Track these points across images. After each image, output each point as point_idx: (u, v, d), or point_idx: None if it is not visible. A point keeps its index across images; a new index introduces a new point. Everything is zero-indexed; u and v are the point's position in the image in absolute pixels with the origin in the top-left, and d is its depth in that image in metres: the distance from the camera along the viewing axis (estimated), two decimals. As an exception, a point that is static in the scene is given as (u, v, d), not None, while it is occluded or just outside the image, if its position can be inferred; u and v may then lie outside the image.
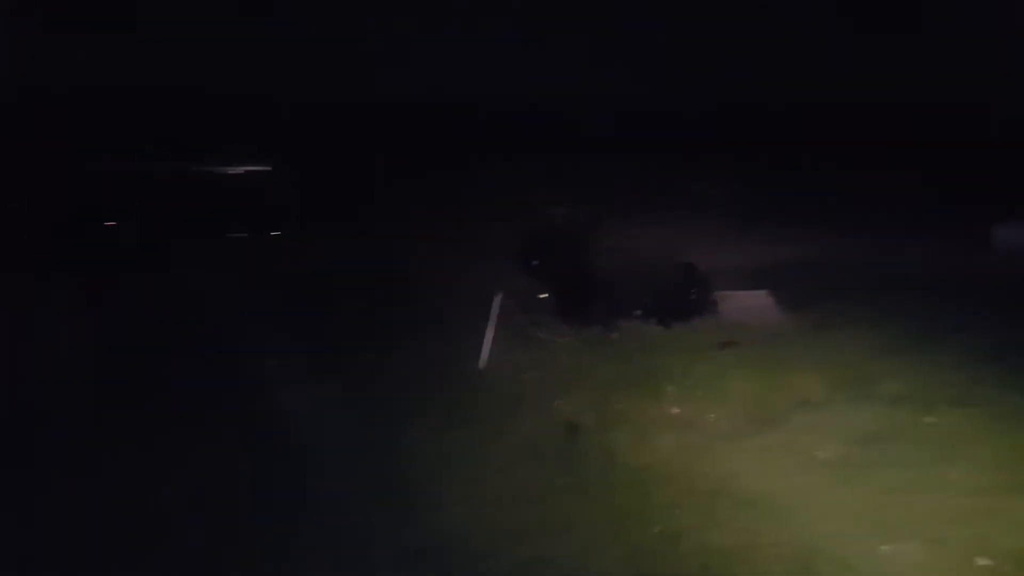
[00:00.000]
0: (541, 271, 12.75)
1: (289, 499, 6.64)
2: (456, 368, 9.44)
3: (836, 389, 8.42)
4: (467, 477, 6.97)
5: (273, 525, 6.25)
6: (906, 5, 22.00)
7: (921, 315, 10.58)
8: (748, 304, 11.10)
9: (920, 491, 6.37)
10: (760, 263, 13.55)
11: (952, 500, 6.22)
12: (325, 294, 12.40)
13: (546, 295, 12.27)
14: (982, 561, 5.45)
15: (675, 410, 8.16)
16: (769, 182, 18.48)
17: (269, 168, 21.21)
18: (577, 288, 10.66)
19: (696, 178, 18.79)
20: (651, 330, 10.50)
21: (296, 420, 8.10)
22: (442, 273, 13.59)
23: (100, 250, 15.53)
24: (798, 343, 9.88)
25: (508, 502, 6.53)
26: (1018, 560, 5.44)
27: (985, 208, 14.95)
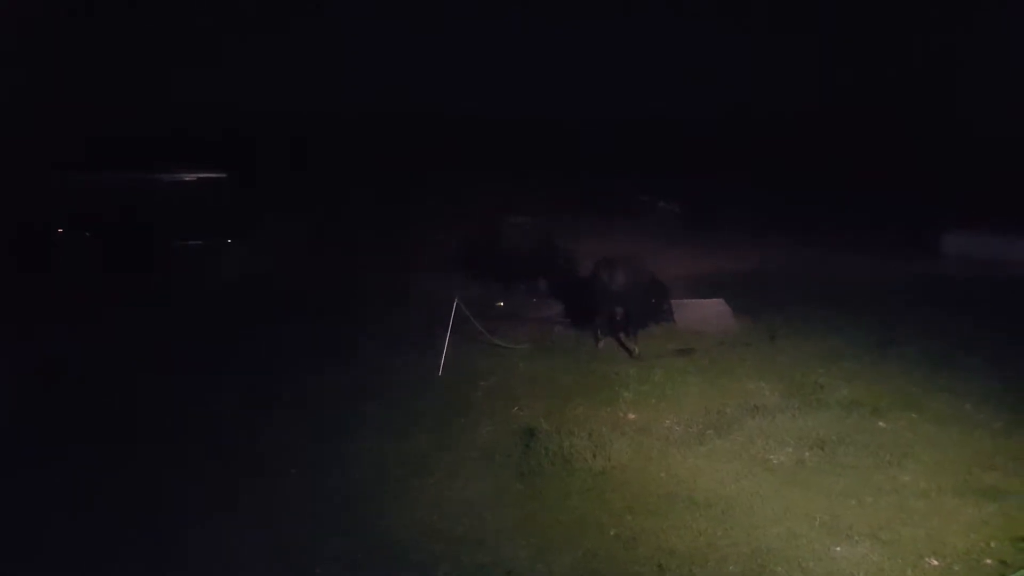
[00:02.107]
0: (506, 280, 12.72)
1: (248, 505, 6.47)
2: (414, 375, 9.28)
3: (789, 395, 8.50)
4: (425, 483, 6.84)
5: (227, 531, 6.06)
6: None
7: (871, 323, 10.80)
8: (704, 312, 11.16)
9: (872, 494, 6.44)
10: (714, 272, 13.73)
11: (903, 502, 6.31)
12: (278, 303, 12.16)
13: (502, 303, 12.22)
14: (933, 561, 5.51)
15: (631, 416, 8.13)
16: (726, 195, 18.82)
17: (222, 175, 20.79)
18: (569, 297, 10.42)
19: (650, 191, 19.05)
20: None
21: (251, 429, 7.88)
22: (399, 281, 13.46)
23: (51, 257, 15.10)
24: (752, 350, 9.97)
25: (465, 507, 6.43)
26: (967, 560, 5.52)
27: (934, 218, 15.42)
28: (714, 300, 11.55)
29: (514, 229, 14.08)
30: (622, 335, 10.22)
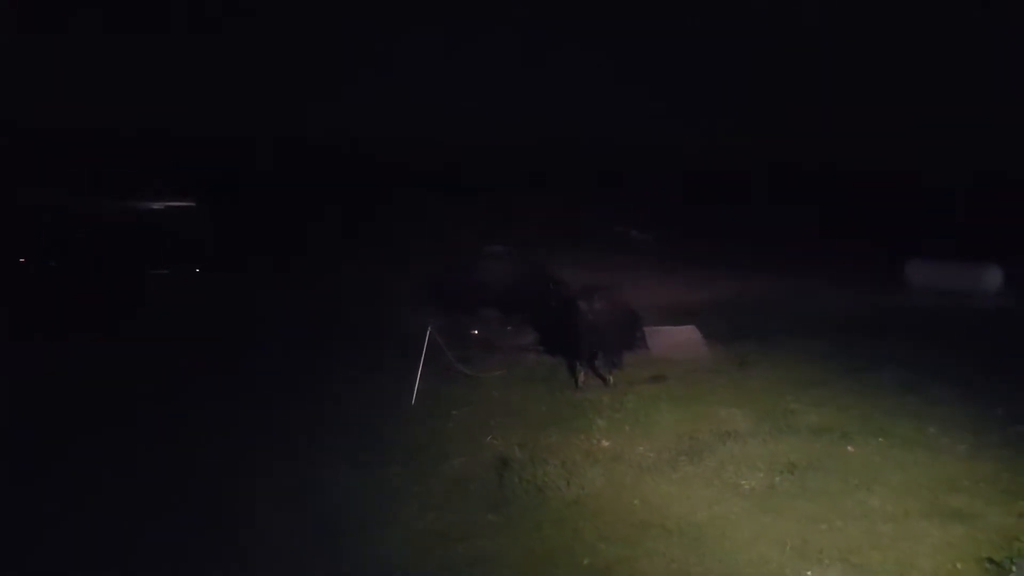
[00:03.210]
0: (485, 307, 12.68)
1: (217, 535, 6.33)
2: (387, 406, 9.22)
3: (760, 421, 8.57)
4: (398, 514, 6.75)
5: (193, 567, 5.93)
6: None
7: (840, 350, 10.99)
8: (676, 340, 11.26)
9: (841, 518, 6.48)
10: (686, 301, 13.90)
11: (873, 526, 6.36)
12: (249, 333, 12.07)
13: (476, 332, 12.23)
14: (902, 584, 5.56)
15: (605, 443, 8.13)
16: (698, 225, 19.13)
17: (192, 204, 20.71)
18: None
19: (625, 221, 19.31)
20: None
21: (219, 460, 7.75)
22: (373, 310, 13.43)
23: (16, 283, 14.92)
24: (723, 377, 10.07)
25: (438, 539, 6.34)
26: (935, 582, 5.58)
27: (898, 247, 15.80)
28: (686, 327, 11.67)
29: (489, 258, 14.17)
30: (598, 364, 10.22)
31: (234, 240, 17.90)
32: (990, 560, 5.73)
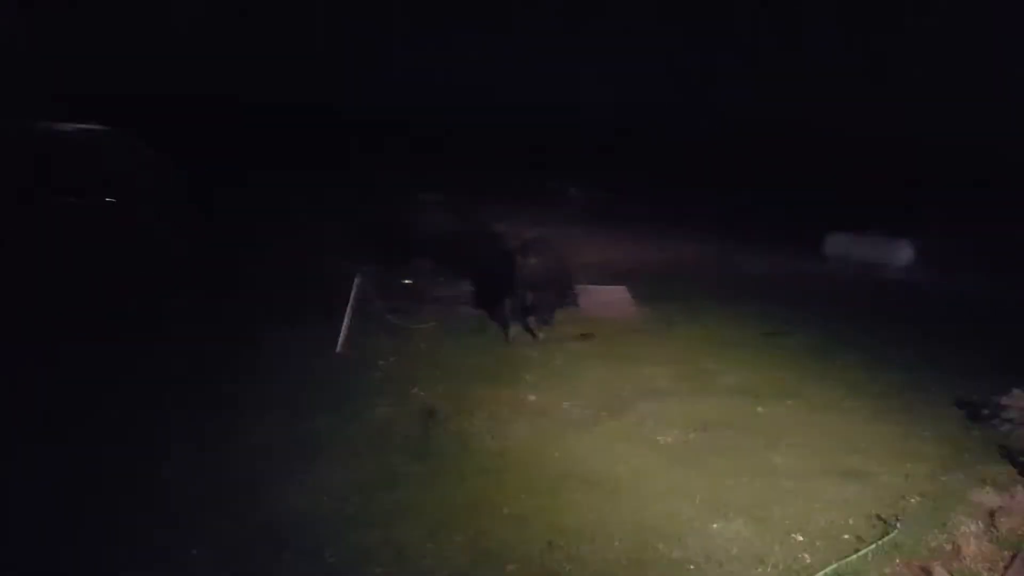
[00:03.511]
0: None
1: (124, 485, 6.23)
2: (313, 355, 9.12)
3: (680, 380, 8.90)
4: (315, 465, 6.74)
5: (109, 514, 5.85)
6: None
7: (759, 315, 11.46)
8: (606, 299, 11.49)
9: (748, 474, 6.85)
10: (617, 261, 14.15)
11: (776, 482, 6.75)
12: (169, 276, 11.64)
13: (409, 280, 12.14)
14: (798, 537, 5.94)
15: (531, 398, 8.31)
16: (632, 188, 19.35)
17: (106, 128, 19.43)
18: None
19: (562, 177, 19.36)
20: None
21: (134, 405, 7.59)
22: (300, 258, 13.15)
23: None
24: (649, 337, 10.38)
25: (358, 488, 6.39)
26: (828, 535, 5.98)
27: (819, 220, 16.41)
28: (617, 287, 11.91)
29: (423, 207, 14.02)
30: (531, 320, 10.32)
31: (156, 177, 17.02)
32: (878, 517, 6.17)
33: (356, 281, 9.73)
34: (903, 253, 15.19)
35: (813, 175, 18.27)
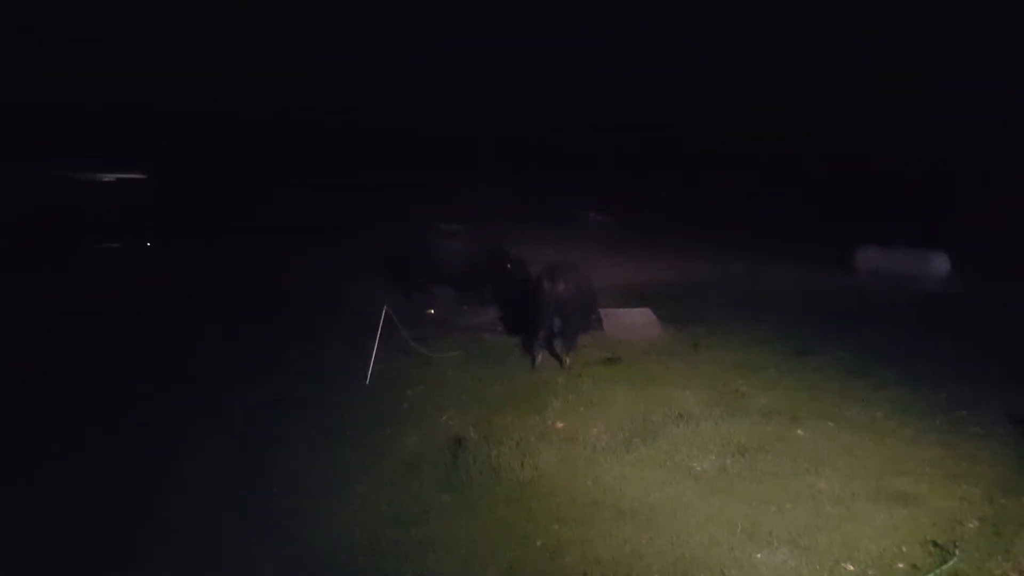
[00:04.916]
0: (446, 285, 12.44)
1: (165, 513, 6.20)
2: (341, 384, 9.02)
3: (712, 403, 8.64)
4: (349, 494, 6.62)
5: (143, 538, 5.80)
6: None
7: (790, 333, 11.15)
8: (631, 321, 11.28)
9: (790, 500, 6.57)
10: (642, 282, 13.95)
11: (820, 508, 6.46)
12: (203, 308, 11.72)
13: (432, 311, 12.04)
14: (848, 566, 5.65)
15: (559, 424, 8.09)
16: (655, 207, 19.21)
17: (143, 176, 19.97)
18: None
19: (583, 202, 19.28)
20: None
21: (171, 435, 7.54)
22: (329, 287, 13.15)
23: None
24: (677, 360, 10.12)
25: (390, 519, 6.25)
26: (880, 564, 5.68)
27: (850, 233, 16.11)
28: (641, 310, 11.70)
29: (445, 236, 13.95)
30: (556, 345, 10.14)
31: (186, 214, 17.36)
32: (934, 543, 5.86)
33: (383, 310, 9.65)
34: (939, 265, 14.80)
35: (840, 187, 18.02)
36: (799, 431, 7.96)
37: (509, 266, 12.26)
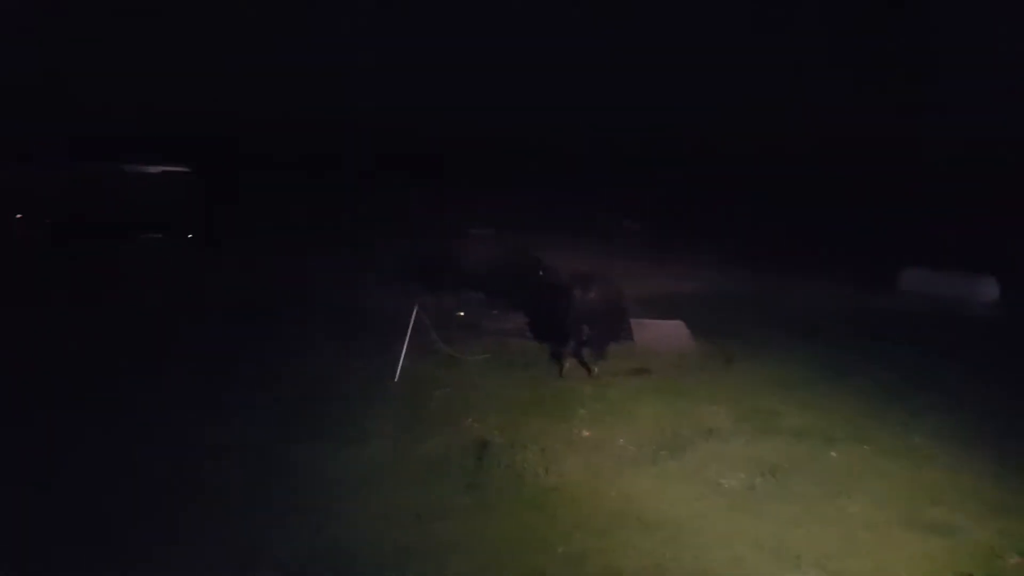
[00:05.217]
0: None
1: (193, 508, 6.27)
2: (369, 383, 9.08)
3: (742, 420, 8.47)
4: (374, 492, 6.65)
5: (170, 534, 5.88)
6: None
7: (827, 352, 10.88)
8: (662, 333, 11.11)
9: (820, 523, 6.40)
10: (674, 293, 13.78)
11: (851, 533, 6.28)
12: (235, 303, 11.91)
13: (462, 314, 12.04)
14: (878, 593, 5.48)
15: (586, 433, 8.02)
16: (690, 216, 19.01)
17: (186, 170, 20.41)
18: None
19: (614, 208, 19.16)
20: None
21: (200, 430, 7.63)
22: (360, 288, 13.26)
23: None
24: (708, 374, 9.95)
25: (413, 518, 6.25)
26: (911, 593, 5.49)
27: (894, 253, 15.73)
28: (673, 321, 11.51)
29: (475, 240, 13.98)
30: (585, 353, 10.05)
31: (225, 212, 17.74)
32: None
33: (414, 311, 9.68)
34: (988, 289, 14.35)
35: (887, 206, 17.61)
36: (832, 453, 7.76)
37: (541, 273, 12.21)
